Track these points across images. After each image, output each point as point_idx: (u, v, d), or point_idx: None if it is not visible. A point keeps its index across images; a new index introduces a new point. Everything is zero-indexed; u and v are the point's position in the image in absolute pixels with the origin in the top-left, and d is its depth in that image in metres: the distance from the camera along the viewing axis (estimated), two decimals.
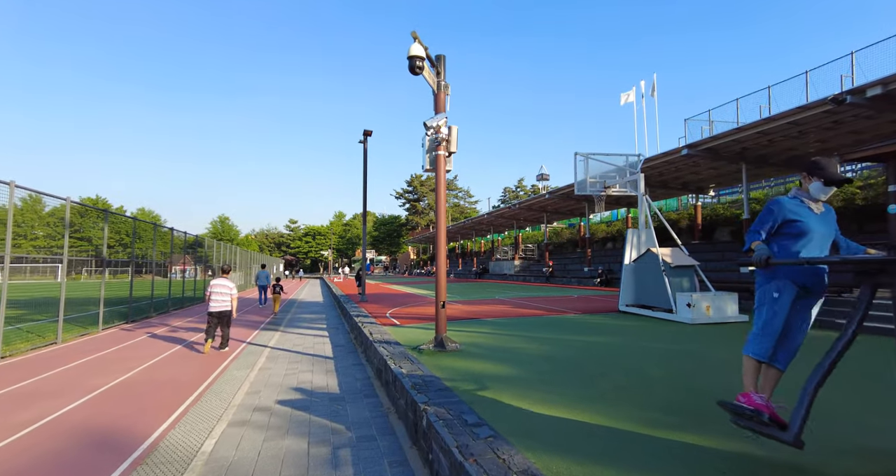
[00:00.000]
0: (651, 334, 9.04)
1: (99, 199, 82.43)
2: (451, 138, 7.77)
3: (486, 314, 13.09)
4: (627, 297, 12.25)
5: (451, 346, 7.56)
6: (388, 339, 8.93)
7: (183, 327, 14.15)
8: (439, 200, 7.89)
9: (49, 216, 77.96)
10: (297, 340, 11.79)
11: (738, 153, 18.83)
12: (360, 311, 14.66)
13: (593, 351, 7.51)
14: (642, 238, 12.28)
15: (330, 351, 10.24)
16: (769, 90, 25.54)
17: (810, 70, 23.40)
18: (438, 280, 7.72)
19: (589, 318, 11.61)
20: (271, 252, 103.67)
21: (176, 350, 10.23)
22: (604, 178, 13.64)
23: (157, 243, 20.31)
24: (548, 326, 10.37)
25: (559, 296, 20.16)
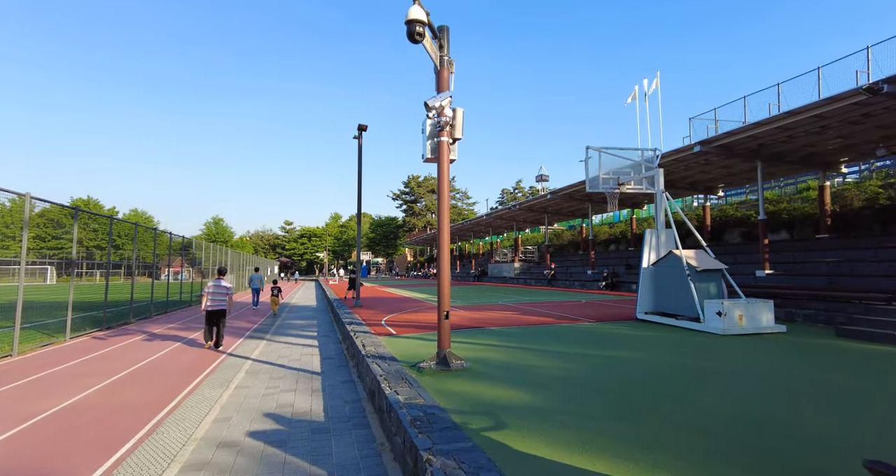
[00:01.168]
0: (684, 348, 7.98)
1: (90, 201, 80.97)
2: (455, 122, 6.72)
3: (492, 322, 12.03)
4: (646, 303, 11.21)
5: (455, 364, 6.49)
6: (383, 353, 7.86)
7: (162, 335, 13.03)
8: (442, 196, 6.83)
9: (38, 217, 76.48)
10: (283, 351, 10.71)
11: (753, 150, 17.83)
12: (353, 318, 13.58)
13: (625, 370, 6.44)
14: (662, 239, 11.25)
15: (318, 365, 9.16)
16: (778, 87, 24.59)
17: (822, 66, 22.52)
18: (441, 286, 6.65)
19: (605, 327, 10.56)
20: (266, 254, 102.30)
21: (147, 362, 9.13)
22: (617, 173, 12.64)
23: (147, 245, 19.27)
24: (562, 337, 9.31)
25: (565, 300, 19.11)
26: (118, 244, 75.86)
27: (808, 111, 13.76)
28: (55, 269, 67.59)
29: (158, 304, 20.09)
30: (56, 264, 69.30)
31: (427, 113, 6.41)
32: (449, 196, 6.81)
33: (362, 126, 17.98)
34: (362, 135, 18.41)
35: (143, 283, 19.09)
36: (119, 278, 69.07)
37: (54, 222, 75.84)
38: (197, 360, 9.51)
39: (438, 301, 6.70)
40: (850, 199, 18.70)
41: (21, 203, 57.74)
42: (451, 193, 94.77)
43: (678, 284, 10.15)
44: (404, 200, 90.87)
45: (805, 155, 17.87)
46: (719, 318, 8.81)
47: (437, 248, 6.86)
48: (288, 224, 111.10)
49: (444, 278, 6.72)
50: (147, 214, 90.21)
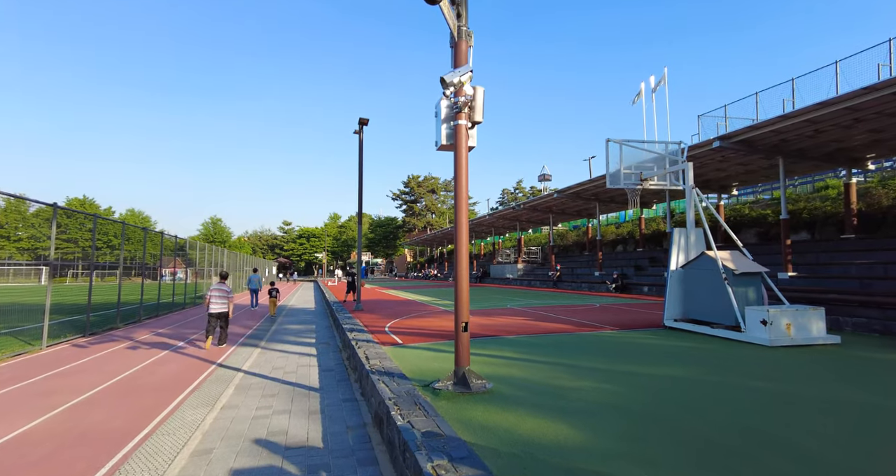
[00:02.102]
0: (733, 364, 7.01)
1: (86, 201, 79.90)
2: (475, 103, 5.80)
3: (507, 329, 11.10)
4: (674, 309, 10.29)
5: (476, 385, 5.57)
6: (390, 368, 6.93)
7: (149, 342, 12.09)
8: (459, 189, 5.90)
9: (34, 217, 75.44)
10: (277, 361, 9.78)
11: (775, 146, 16.93)
12: (353, 324, 12.65)
13: (676, 393, 5.49)
14: (691, 239, 10.33)
15: (316, 378, 8.23)
16: (793, 83, 23.73)
17: (840, 60, 21.66)
18: (459, 292, 5.72)
19: (633, 337, 9.63)
20: (264, 254, 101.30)
21: (127, 376, 8.20)
22: (640, 168, 11.72)
23: (143, 245, 18.37)
24: (589, 350, 8.38)
25: (578, 304, 18.17)
26: (114, 244, 74.88)
27: (842, 102, 12.86)
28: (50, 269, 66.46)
29: (149, 306, 19.15)
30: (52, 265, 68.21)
31: (444, 91, 5.48)
32: (467, 189, 5.89)
33: (363, 120, 17.07)
34: (363, 129, 17.49)
35: (137, 285, 18.16)
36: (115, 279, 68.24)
37: (49, 222, 74.68)
38: (183, 372, 8.59)
39: (456, 309, 5.78)
40: (878, 198, 17.78)
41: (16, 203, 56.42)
42: (450, 193, 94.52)
43: (712, 289, 9.23)
44: (404, 200, 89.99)
45: (830, 151, 16.97)
46: (764, 327, 7.89)
47: (454, 247, 5.74)
48: (286, 224, 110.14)
49: (463, 283, 5.79)
50: (144, 214, 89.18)
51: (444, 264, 66.57)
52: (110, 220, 14.66)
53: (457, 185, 5.91)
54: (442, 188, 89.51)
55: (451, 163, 5.83)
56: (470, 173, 5.86)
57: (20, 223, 74.36)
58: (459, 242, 5.81)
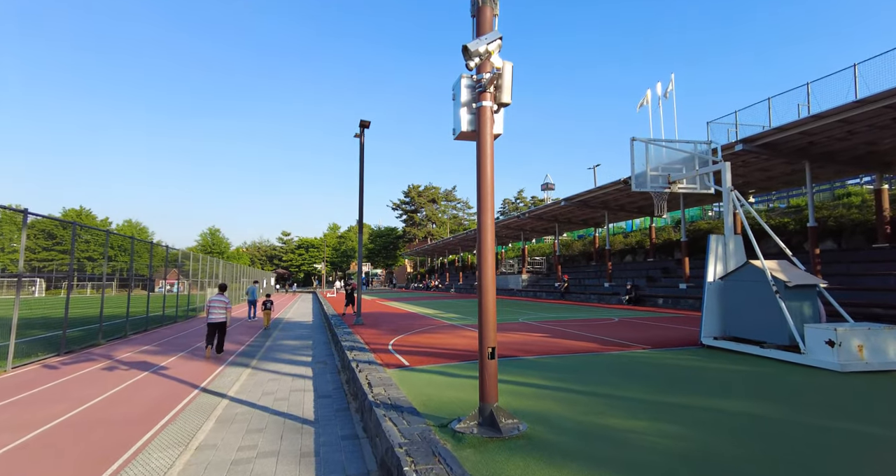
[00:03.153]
0: (814, 395, 5.82)
1: (83, 211, 78.87)
2: (503, 80, 4.81)
3: (525, 348, 10.00)
4: (713, 326, 9.21)
5: (507, 426, 4.50)
6: (397, 399, 5.86)
7: (129, 361, 11.00)
8: (484, 185, 4.90)
9: (29, 228, 74.38)
10: (268, 385, 8.69)
11: (802, 149, 16.00)
12: (353, 341, 11.56)
13: (766, 441, 4.30)
14: (730, 247, 9.28)
15: (311, 407, 7.14)
16: (808, 87, 22.93)
17: (859, 63, 20.85)
18: (484, 310, 4.69)
19: (671, 357, 8.52)
20: (263, 265, 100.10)
21: (94, 404, 7.12)
22: (667, 170, 10.72)
23: (141, 257, 17.36)
24: (629, 374, 7.28)
25: (594, 318, 17.03)
26: (110, 255, 73.59)
27: (884, 99, 11.92)
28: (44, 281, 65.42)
29: (137, 320, 18.06)
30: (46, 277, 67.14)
31: (466, 62, 4.48)
32: (493, 185, 4.88)
33: (364, 122, 16.13)
34: (364, 132, 16.54)
35: (135, 297, 17.16)
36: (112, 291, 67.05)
37: (45, 233, 73.65)
38: (160, 400, 7.49)
39: (480, 331, 4.72)
40: None
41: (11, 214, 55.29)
42: (451, 203, 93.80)
43: (760, 303, 8.17)
44: (404, 210, 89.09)
45: (861, 154, 16.02)
46: (831, 349, 6.81)
47: (477, 253, 4.72)
48: (285, 235, 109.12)
49: (489, 298, 4.74)
50: (142, 225, 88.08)
51: (445, 275, 65.45)
52: (92, 228, 13.60)
53: (480, 179, 4.89)
54: (443, 198, 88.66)
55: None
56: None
57: (14, 234, 73.24)
58: (484, 247, 4.77)
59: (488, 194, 4.89)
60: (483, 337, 4.72)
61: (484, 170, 4.90)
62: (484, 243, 4.82)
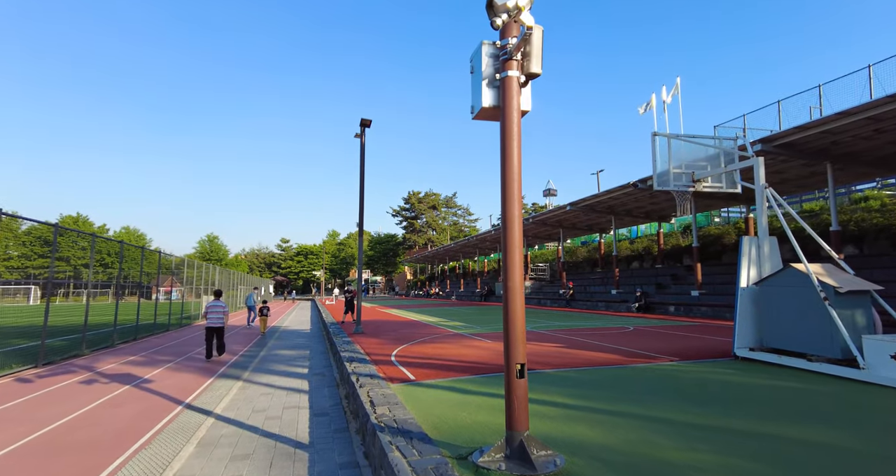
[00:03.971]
0: (886, 418, 5.12)
1: (80, 218, 78.05)
2: (532, 46, 4.07)
3: (543, 360, 9.19)
4: (748, 336, 8.40)
5: (541, 459, 3.71)
6: (405, 422, 5.06)
7: (111, 374, 10.19)
8: (510, 174, 4.15)
9: (25, 235, 73.49)
10: (260, 401, 7.89)
11: (823, 150, 15.30)
12: (353, 351, 10.76)
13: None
14: (765, 250, 8.51)
15: (305, 427, 6.34)
16: (820, 89, 22.38)
17: (874, 64, 20.26)
18: (511, 320, 3.93)
19: (706, 371, 7.69)
20: (261, 272, 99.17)
21: (61, 425, 6.31)
22: (691, 168, 9.99)
23: (138, 264, 16.62)
24: (666, 391, 6.44)
25: (607, 327, 16.20)
26: (107, 262, 72.71)
27: None
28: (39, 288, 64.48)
29: (126, 329, 17.26)
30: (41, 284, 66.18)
31: (491, 20, 3.74)
32: (520, 172, 4.13)
33: (365, 121, 15.43)
34: (365, 132, 15.83)
35: (127, 304, 16.48)
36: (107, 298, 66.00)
37: (41, 241, 72.74)
38: (137, 418, 6.70)
39: (507, 345, 3.94)
40: None
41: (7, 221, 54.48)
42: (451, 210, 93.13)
43: (804, 311, 7.38)
44: (404, 217, 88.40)
45: (887, 154, 15.32)
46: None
47: (503, 251, 3.69)
48: (284, 242, 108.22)
49: (516, 305, 3.97)
50: (140, 232, 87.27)
51: (445, 282, 64.62)
52: (74, 230, 12.83)
53: (506, 164, 4.13)
54: (443, 204, 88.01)
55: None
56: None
57: (10, 241, 72.34)
58: (510, 245, 4.01)
59: (514, 182, 4.13)
60: (510, 351, 3.93)
61: (509, 153, 4.14)
62: (510, 241, 4.05)
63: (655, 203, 24.94)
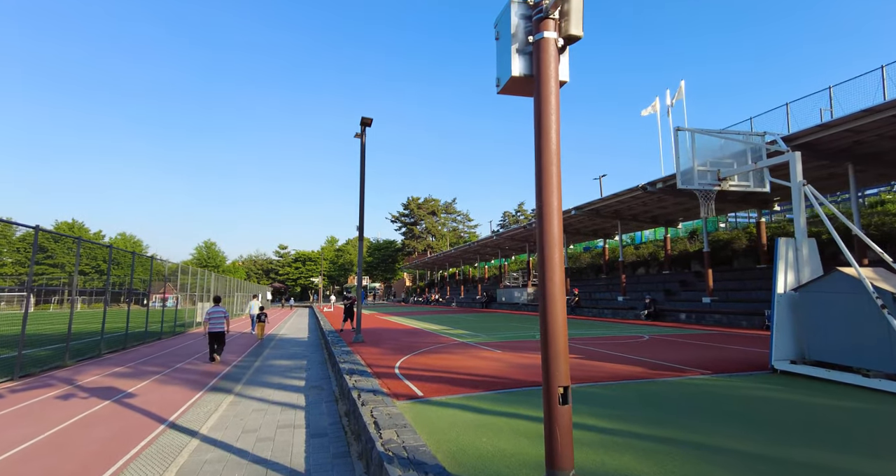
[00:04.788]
0: None
1: (75, 224, 77.20)
2: (571, 4, 3.38)
3: None
4: (786, 347, 7.67)
5: None
6: (416, 450, 4.32)
7: (92, 387, 9.42)
8: (546, 151, 3.46)
9: (20, 241, 72.59)
10: (251, 419, 7.13)
11: (845, 150, 14.67)
12: (353, 363, 10.00)
13: None
14: (804, 252, 7.80)
15: (301, 451, 5.60)
16: (830, 91, 21.84)
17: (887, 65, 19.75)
18: (551, 333, 3.22)
19: (747, 386, 6.91)
20: (259, 279, 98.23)
21: (20, 452, 5.53)
22: (716, 165, 9.31)
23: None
24: (711, 413, 5.67)
25: (620, 335, 15.41)
26: (102, 269, 71.70)
27: None
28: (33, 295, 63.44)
29: (115, 338, 16.48)
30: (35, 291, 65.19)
31: None
32: (559, 153, 3.44)
33: (366, 120, 14.76)
34: (366, 131, 15.16)
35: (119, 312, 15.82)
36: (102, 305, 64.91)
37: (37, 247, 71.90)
38: (109, 442, 5.94)
39: (545, 362, 3.23)
40: None
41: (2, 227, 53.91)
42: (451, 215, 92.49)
43: (856, 320, 6.65)
44: (403, 223, 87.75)
45: None
46: None
47: (539, 248, 2.91)
48: (282, 248, 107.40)
49: (557, 314, 3.26)
50: (136, 239, 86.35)
51: (445, 288, 63.80)
52: (57, 233, 12.08)
53: (542, 145, 3.44)
54: (442, 210, 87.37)
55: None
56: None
57: (4, 248, 71.40)
58: (547, 240, 3.30)
59: (553, 165, 3.43)
60: (550, 372, 3.20)
61: (546, 130, 3.44)
62: (547, 237, 3.34)
63: (663, 207, 24.27)
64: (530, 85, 3.67)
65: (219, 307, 12.80)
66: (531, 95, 3.71)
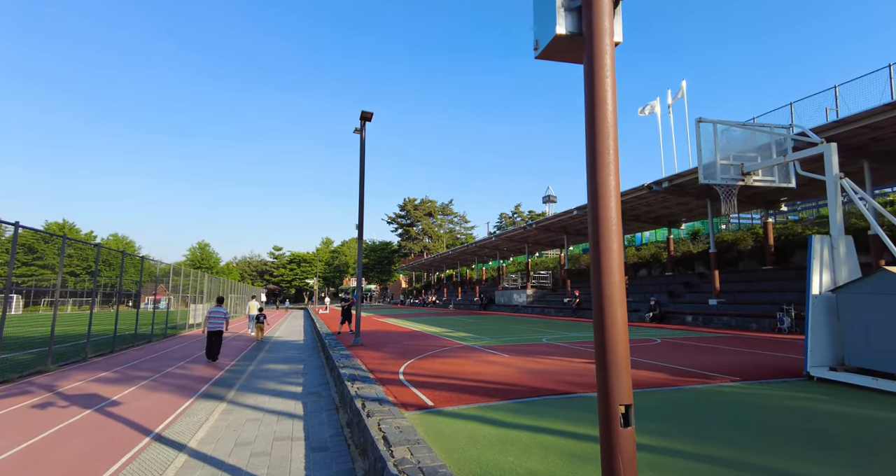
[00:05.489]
0: None
1: (66, 224, 76.09)
2: None
3: (580, 380, 7.86)
4: (823, 352, 7.13)
5: None
6: (435, 474, 3.74)
7: (72, 395, 8.78)
8: (601, 120, 2.89)
9: (9, 242, 71.43)
10: (245, 429, 6.55)
11: (860, 147, 14.27)
12: (354, 367, 9.41)
13: None
14: (840, 250, 7.28)
15: (300, 469, 5.05)
16: (836, 90, 21.46)
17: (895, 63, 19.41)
18: (611, 338, 2.67)
19: (786, 395, 6.34)
20: (253, 281, 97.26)
21: None
22: (740, 159, 8.80)
23: (126, 271, 15.30)
24: (756, 426, 5.08)
25: (630, 338, 14.84)
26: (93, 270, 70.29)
27: None
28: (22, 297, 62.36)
29: (103, 341, 15.81)
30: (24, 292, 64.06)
31: None
32: (615, 127, 2.86)
33: (366, 114, 14.19)
34: (366, 126, 14.59)
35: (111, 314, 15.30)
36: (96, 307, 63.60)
37: (24, 248, 70.67)
38: (85, 458, 5.35)
39: (601, 376, 2.69)
40: None
41: None
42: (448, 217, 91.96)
43: None
44: (400, 224, 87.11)
45: None
46: None
47: (593, 242, 2.22)
48: (277, 249, 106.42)
49: (617, 321, 2.72)
50: (128, 239, 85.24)
51: (442, 290, 63.20)
52: (35, 229, 11.43)
53: (595, 114, 2.89)
54: (439, 212, 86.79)
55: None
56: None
57: None
58: (604, 229, 2.76)
59: (609, 138, 2.88)
60: (610, 386, 2.65)
61: (601, 96, 2.90)
62: (604, 223, 2.79)
63: (667, 207, 23.83)
64: (576, 47, 3.12)
65: (220, 308, 13.17)
66: (575, 60, 3.17)
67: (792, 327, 15.30)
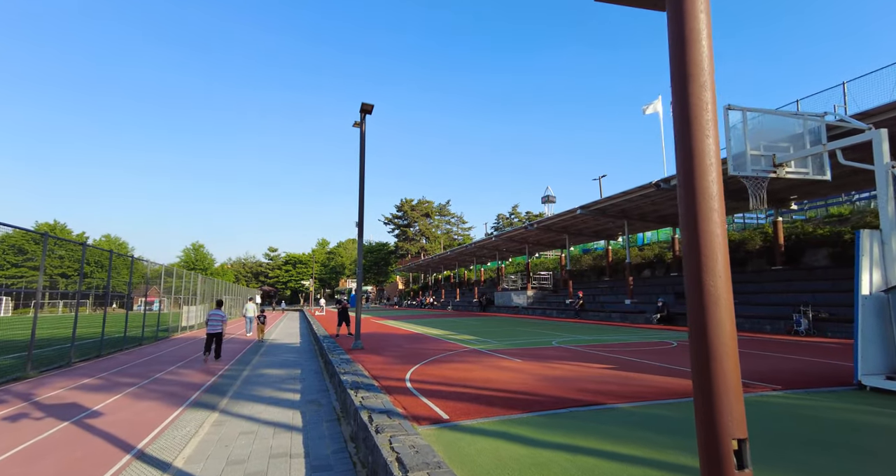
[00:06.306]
0: None
1: (57, 225, 74.91)
2: None
3: (603, 389, 7.24)
4: (876, 359, 6.52)
5: None
6: None
7: (51, 404, 8.10)
8: (694, 62, 2.22)
9: None
10: (238, 443, 5.91)
11: None
12: (356, 374, 8.74)
13: None
14: (893, 247, 6.68)
15: None
16: (844, 86, 21.04)
17: None
18: (715, 352, 2.05)
19: (840, 407, 5.68)
20: (248, 282, 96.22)
21: None
22: (771, 149, 8.22)
23: (120, 273, 14.59)
24: (821, 445, 4.46)
25: (643, 341, 14.14)
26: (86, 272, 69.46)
27: None
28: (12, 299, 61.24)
29: (89, 345, 15.10)
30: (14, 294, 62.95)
31: None
32: (712, 73, 2.19)
33: (366, 106, 13.54)
34: (366, 118, 13.94)
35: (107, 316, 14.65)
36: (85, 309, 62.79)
37: (14, 249, 69.49)
38: None
39: (707, 402, 2.02)
40: None
41: None
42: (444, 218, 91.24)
43: None
44: (397, 225, 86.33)
45: None
46: None
47: (684, 227, 1.42)
48: (272, 251, 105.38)
49: (725, 330, 2.07)
50: (121, 241, 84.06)
51: (440, 291, 62.49)
52: (14, 226, 10.73)
53: (688, 62, 2.27)
54: (436, 212, 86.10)
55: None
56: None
57: None
58: (704, 208, 2.12)
59: (706, 89, 2.27)
60: (718, 416, 2.02)
61: (694, 39, 2.29)
62: (703, 197, 2.16)
63: (675, 205, 23.25)
64: None
65: (219, 311, 13.64)
66: (648, 6, 2.55)
67: (810, 329, 14.73)
